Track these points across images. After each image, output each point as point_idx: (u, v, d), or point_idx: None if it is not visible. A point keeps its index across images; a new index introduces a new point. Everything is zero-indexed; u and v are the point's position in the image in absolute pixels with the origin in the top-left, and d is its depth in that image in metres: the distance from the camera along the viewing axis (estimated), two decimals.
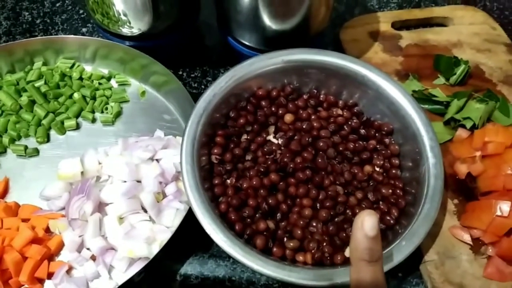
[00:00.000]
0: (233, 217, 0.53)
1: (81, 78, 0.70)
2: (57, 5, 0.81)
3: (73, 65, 0.71)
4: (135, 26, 0.66)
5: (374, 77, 0.60)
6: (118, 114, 0.68)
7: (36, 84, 0.67)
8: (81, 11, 0.80)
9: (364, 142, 0.60)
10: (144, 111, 0.69)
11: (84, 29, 0.78)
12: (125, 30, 0.67)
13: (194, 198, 0.51)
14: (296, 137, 0.59)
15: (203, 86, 0.72)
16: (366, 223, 0.36)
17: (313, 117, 0.62)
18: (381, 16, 0.77)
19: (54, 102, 0.67)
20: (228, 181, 0.56)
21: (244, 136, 0.60)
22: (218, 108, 0.58)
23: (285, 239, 0.54)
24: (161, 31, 0.68)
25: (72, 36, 0.71)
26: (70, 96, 0.68)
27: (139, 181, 0.58)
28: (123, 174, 0.57)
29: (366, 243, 0.37)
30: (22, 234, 0.54)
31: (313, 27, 0.67)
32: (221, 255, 0.57)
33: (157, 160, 0.60)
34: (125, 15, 0.64)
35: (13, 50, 0.69)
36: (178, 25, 0.70)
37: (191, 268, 0.56)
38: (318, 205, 0.55)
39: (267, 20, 0.63)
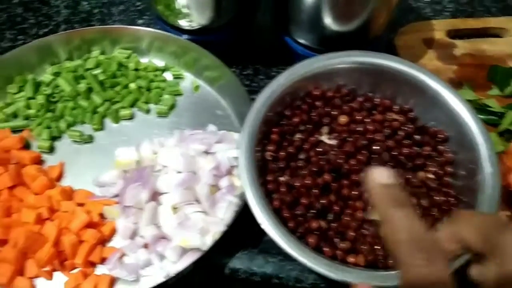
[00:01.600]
0: (286, 214, 0.53)
1: (136, 69, 0.71)
2: None
3: (129, 55, 0.72)
4: (195, 20, 0.67)
5: (433, 83, 0.60)
6: (172, 107, 0.69)
7: (94, 72, 0.69)
8: (138, 3, 0.81)
9: (418, 148, 0.60)
10: (197, 105, 0.69)
11: (140, 21, 0.79)
12: (185, 24, 0.68)
13: (251, 193, 0.51)
14: (350, 139, 0.59)
15: (254, 84, 0.72)
16: (377, 174, 0.34)
17: (367, 120, 0.62)
18: (435, 24, 0.77)
19: (111, 90, 0.68)
20: (281, 178, 0.57)
21: (298, 135, 0.60)
22: (274, 105, 0.59)
23: (335, 239, 0.54)
24: (219, 26, 0.69)
25: (129, 27, 0.72)
26: (126, 86, 0.69)
27: (193, 173, 0.58)
28: (179, 165, 0.58)
29: (387, 191, 0.33)
30: (79, 217, 0.55)
31: (372, 31, 0.67)
32: (270, 251, 0.57)
33: (211, 153, 0.60)
34: (188, 8, 0.65)
35: (72, 38, 0.71)
36: (236, 21, 0.71)
37: (239, 262, 0.57)
38: (370, 207, 0.55)
39: (328, 21, 0.63)
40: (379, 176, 0.34)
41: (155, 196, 0.57)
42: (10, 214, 0.55)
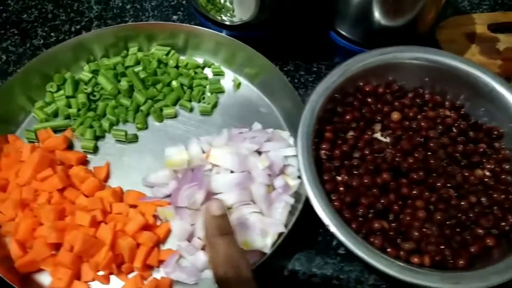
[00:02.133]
0: (348, 215, 0.52)
1: (177, 66, 0.69)
2: None
3: (169, 52, 0.70)
4: (237, 15, 0.65)
5: (486, 78, 0.59)
6: (215, 105, 0.67)
7: (135, 69, 0.67)
8: None
9: (473, 145, 0.59)
10: (240, 103, 0.68)
11: (174, 17, 0.77)
12: (226, 18, 0.67)
13: (313, 194, 0.50)
14: (404, 136, 0.58)
15: (296, 80, 0.71)
16: (211, 207, 0.44)
17: (419, 116, 0.61)
18: (476, 18, 0.76)
19: (153, 88, 0.66)
20: (339, 177, 0.55)
21: (351, 133, 0.59)
22: (327, 102, 0.57)
23: (398, 240, 0.53)
24: (261, 22, 0.67)
25: (167, 23, 0.71)
26: (168, 84, 0.67)
27: (248, 173, 0.57)
28: (232, 164, 0.57)
29: (215, 222, 0.43)
30: (135, 220, 0.53)
31: (420, 26, 0.66)
32: (328, 252, 0.56)
33: (264, 152, 0.59)
34: (231, 2, 0.63)
35: (107, 35, 0.69)
36: (278, 16, 0.69)
37: (298, 264, 0.56)
38: (431, 207, 0.54)
39: (378, 16, 0.62)
40: (212, 209, 0.44)
41: (209, 196, 0.56)
42: (63, 217, 0.54)
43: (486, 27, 0.75)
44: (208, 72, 0.71)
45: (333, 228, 0.48)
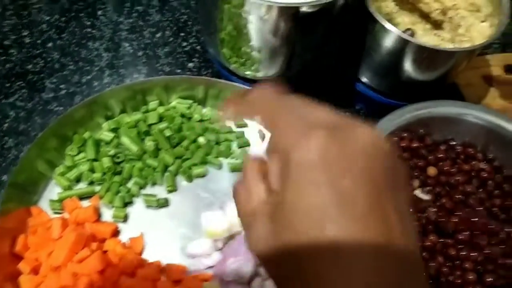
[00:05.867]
0: None
1: (201, 120, 0.66)
2: (157, 35, 0.77)
3: (191, 106, 0.67)
4: (263, 70, 0.64)
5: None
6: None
7: (160, 127, 0.64)
8: (184, 44, 0.76)
9: (510, 199, 0.60)
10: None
11: (190, 64, 0.74)
12: (249, 73, 0.65)
13: None
14: (443, 193, 0.58)
15: None
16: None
17: (453, 169, 0.61)
18: (491, 60, 0.77)
19: (179, 147, 0.64)
20: None
21: None
22: None
23: None
24: (286, 77, 0.66)
25: (185, 76, 0.68)
26: (194, 140, 0.65)
27: None
28: None
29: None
30: None
31: (448, 79, 0.66)
32: None
33: None
34: (259, 60, 0.61)
35: (123, 90, 0.65)
36: (304, 73, 0.67)
37: None
38: (479, 267, 0.54)
39: (407, 70, 0.62)
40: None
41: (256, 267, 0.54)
42: None
43: (502, 69, 0.76)
44: (230, 123, 0.68)
45: None
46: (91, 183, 0.61)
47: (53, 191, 0.60)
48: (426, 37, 0.64)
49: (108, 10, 0.80)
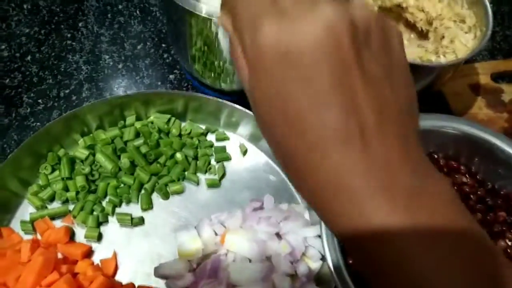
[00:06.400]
0: None
1: (179, 135, 0.65)
2: (138, 47, 0.76)
3: (169, 120, 0.66)
4: (238, 82, 0.62)
5: (504, 146, 0.58)
6: (223, 176, 0.64)
7: (135, 143, 0.63)
8: (165, 55, 0.75)
9: (492, 214, 0.58)
10: (248, 171, 0.64)
11: (171, 76, 0.73)
12: (225, 86, 0.64)
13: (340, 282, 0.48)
14: None
15: None
16: None
17: None
18: (479, 67, 0.75)
19: (156, 164, 0.62)
20: None
21: None
22: None
23: None
24: None
25: (164, 91, 0.67)
26: (171, 156, 0.63)
27: (268, 261, 0.54)
28: (250, 253, 0.53)
29: None
30: None
31: (434, 89, 0.64)
32: None
33: (280, 234, 0.56)
34: (232, 72, 0.60)
35: (101, 106, 0.64)
36: None
37: None
38: None
39: None
40: None
41: None
42: None
43: (489, 77, 0.74)
44: (211, 137, 0.67)
45: None
46: (65, 201, 0.60)
47: (26, 210, 0.59)
48: (410, 48, 0.62)
49: (89, 22, 0.78)
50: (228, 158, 0.65)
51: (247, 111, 0.62)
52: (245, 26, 0.23)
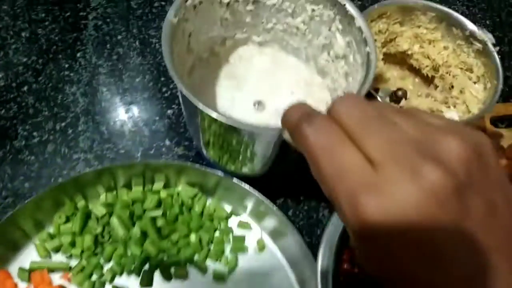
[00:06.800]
0: None
1: (201, 214, 0.62)
2: (137, 80, 0.74)
3: (196, 195, 0.63)
4: (256, 170, 0.59)
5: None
6: (234, 269, 0.59)
7: (152, 214, 0.60)
8: (164, 89, 0.74)
9: None
10: (261, 270, 0.60)
11: (169, 111, 0.71)
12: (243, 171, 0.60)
13: None
14: None
15: None
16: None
17: None
18: None
19: (168, 241, 0.59)
20: None
21: None
22: None
23: None
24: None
25: (200, 168, 0.62)
26: (186, 235, 0.60)
27: None
28: None
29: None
30: None
31: None
32: None
33: None
34: (250, 161, 0.56)
35: (136, 166, 0.62)
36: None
37: None
38: None
39: None
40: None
41: None
42: None
43: (489, 121, 0.70)
44: (233, 222, 0.63)
45: None
46: (69, 256, 0.58)
47: (30, 254, 0.58)
48: (419, 99, 0.63)
49: (88, 52, 0.77)
50: (244, 250, 0.61)
51: (272, 206, 0.58)
52: (342, 198, 0.24)
